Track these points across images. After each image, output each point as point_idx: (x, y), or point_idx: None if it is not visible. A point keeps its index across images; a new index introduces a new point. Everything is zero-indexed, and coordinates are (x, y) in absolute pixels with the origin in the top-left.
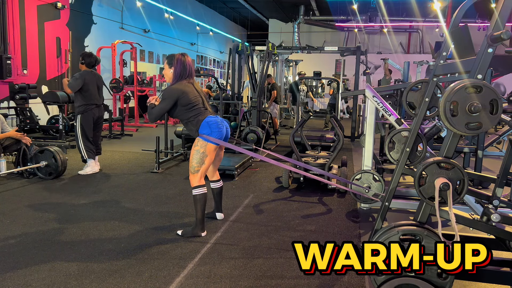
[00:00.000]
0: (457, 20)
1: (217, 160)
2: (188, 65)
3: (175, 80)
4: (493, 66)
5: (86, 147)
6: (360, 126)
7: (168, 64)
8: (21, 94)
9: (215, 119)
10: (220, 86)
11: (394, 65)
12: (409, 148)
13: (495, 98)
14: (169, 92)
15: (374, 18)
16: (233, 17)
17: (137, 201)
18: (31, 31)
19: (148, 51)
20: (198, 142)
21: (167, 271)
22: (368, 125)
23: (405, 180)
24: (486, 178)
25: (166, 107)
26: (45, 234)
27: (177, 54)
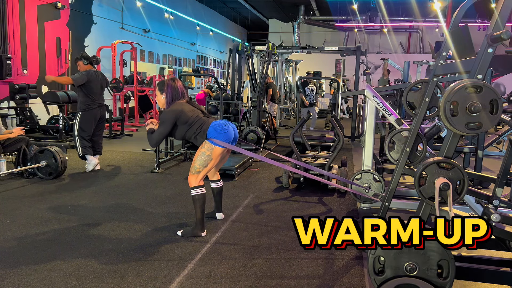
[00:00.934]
0: (457, 20)
1: (221, 162)
2: (179, 88)
3: (168, 104)
4: (493, 66)
5: (82, 144)
6: (360, 126)
7: (159, 91)
8: (21, 94)
9: (220, 122)
10: (220, 86)
11: (394, 65)
12: (409, 148)
13: (495, 98)
14: (166, 115)
15: (374, 18)
16: (233, 17)
17: (137, 201)
18: (31, 31)
19: (148, 51)
20: (205, 144)
21: (167, 271)
22: (368, 125)
23: (405, 180)
24: (486, 178)
25: (166, 130)
26: (45, 234)
27: (167, 80)
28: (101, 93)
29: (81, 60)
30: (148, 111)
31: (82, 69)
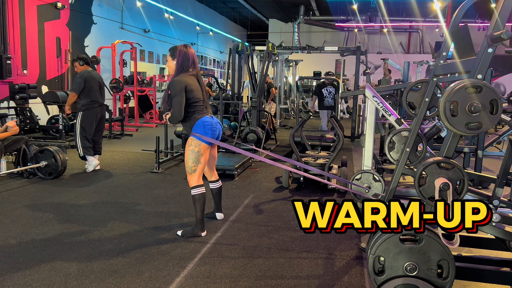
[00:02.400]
0: (457, 20)
1: (212, 160)
2: (190, 56)
3: (178, 72)
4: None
5: (83, 144)
6: (360, 126)
7: (171, 56)
8: (21, 94)
9: (211, 121)
10: (220, 86)
11: (394, 65)
12: (409, 148)
13: (495, 98)
14: (176, 86)
15: (374, 18)
16: (233, 17)
17: (137, 201)
18: (31, 31)
19: (148, 51)
20: (192, 142)
21: (167, 271)
22: (368, 125)
23: (405, 180)
24: (486, 178)
25: (182, 98)
26: (45, 234)
27: (180, 46)
28: (101, 92)
29: (77, 61)
30: (148, 111)
31: (78, 70)
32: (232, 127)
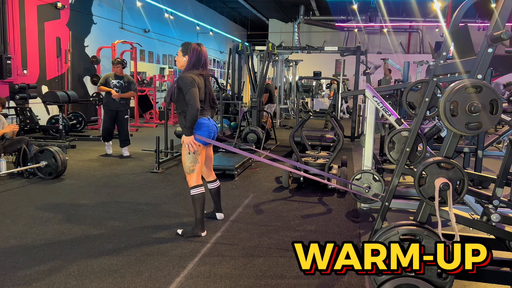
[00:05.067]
0: (457, 20)
1: (208, 160)
2: (203, 55)
3: (188, 68)
4: (493, 66)
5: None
6: (360, 126)
7: (182, 52)
8: (21, 94)
9: (207, 122)
10: (220, 86)
11: (394, 65)
12: (409, 148)
13: (495, 98)
14: (187, 79)
15: (374, 18)
16: (233, 17)
17: (137, 201)
18: (31, 31)
19: (148, 51)
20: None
21: (167, 271)
22: (368, 125)
23: (405, 180)
24: (486, 178)
25: (196, 89)
26: (45, 234)
27: (193, 44)
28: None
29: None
30: (148, 111)
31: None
32: (232, 127)
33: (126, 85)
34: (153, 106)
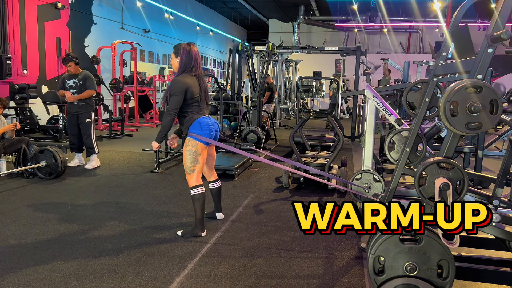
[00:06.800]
0: (457, 20)
1: (211, 159)
2: (193, 54)
3: (181, 70)
4: (493, 66)
5: (96, 141)
6: (360, 126)
7: (174, 54)
8: (21, 94)
9: (208, 121)
10: (220, 86)
11: (394, 65)
12: (409, 148)
13: (495, 98)
14: (177, 85)
15: (374, 18)
16: (233, 17)
17: (137, 201)
18: (31, 31)
19: (148, 51)
20: (189, 142)
21: (167, 271)
22: (368, 125)
23: (405, 180)
24: (486, 178)
25: (179, 98)
26: (45, 234)
27: (183, 44)
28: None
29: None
30: (148, 111)
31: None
32: (232, 127)
33: (81, 83)
34: (153, 106)
